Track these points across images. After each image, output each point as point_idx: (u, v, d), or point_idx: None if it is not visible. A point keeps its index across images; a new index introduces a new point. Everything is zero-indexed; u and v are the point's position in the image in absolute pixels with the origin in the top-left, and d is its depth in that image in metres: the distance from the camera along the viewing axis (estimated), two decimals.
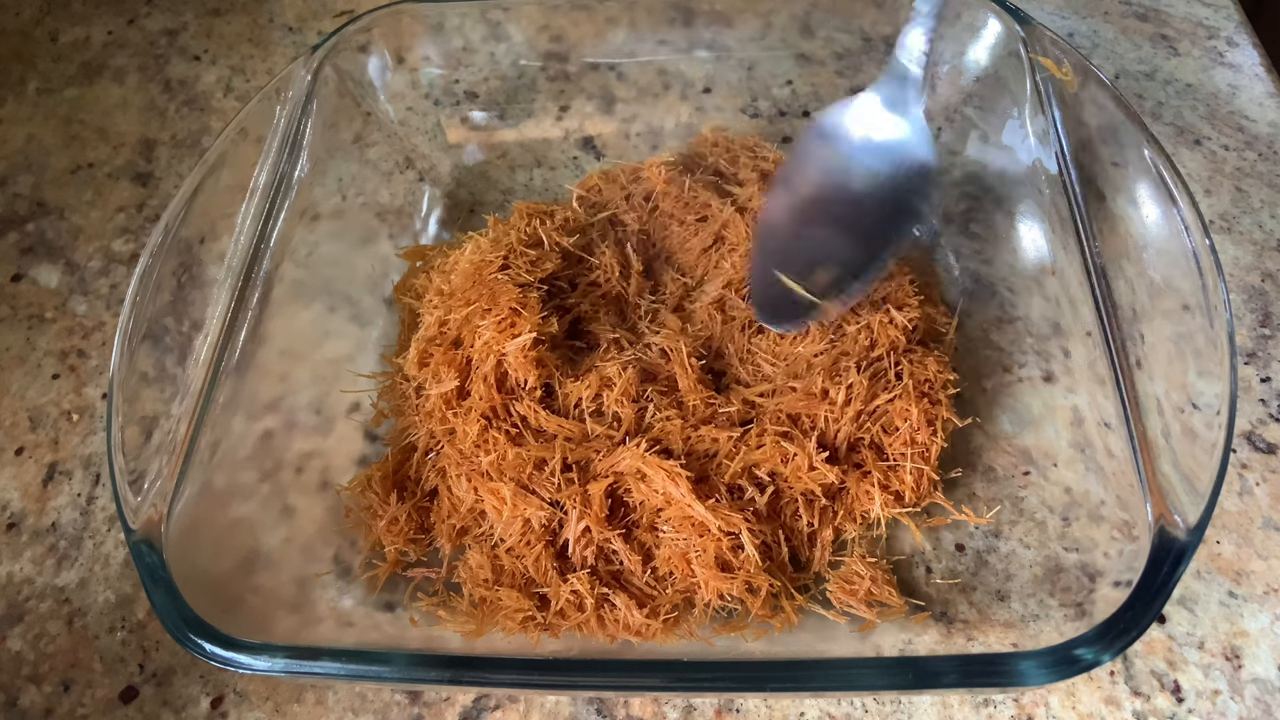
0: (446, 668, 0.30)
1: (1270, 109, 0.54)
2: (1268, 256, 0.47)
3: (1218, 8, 0.59)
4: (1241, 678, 0.36)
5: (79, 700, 0.37)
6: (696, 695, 0.36)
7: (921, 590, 0.37)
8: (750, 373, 0.41)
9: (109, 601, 0.40)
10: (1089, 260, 0.37)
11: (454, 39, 0.51)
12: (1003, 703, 0.35)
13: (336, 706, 0.37)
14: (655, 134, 0.53)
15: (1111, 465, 0.35)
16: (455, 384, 0.38)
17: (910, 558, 0.38)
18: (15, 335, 0.49)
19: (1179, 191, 0.35)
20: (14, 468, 0.44)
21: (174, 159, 0.56)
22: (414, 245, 0.48)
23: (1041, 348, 0.42)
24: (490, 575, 0.36)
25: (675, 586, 0.36)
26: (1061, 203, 0.40)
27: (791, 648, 0.35)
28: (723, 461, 0.37)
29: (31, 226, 0.53)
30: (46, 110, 0.59)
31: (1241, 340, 0.44)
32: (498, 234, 0.42)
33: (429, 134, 0.52)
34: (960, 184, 0.48)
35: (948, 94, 0.48)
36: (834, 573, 0.37)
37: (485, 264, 0.40)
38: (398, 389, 0.42)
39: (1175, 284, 0.34)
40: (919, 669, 0.28)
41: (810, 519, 0.37)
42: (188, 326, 0.37)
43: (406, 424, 0.41)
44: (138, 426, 0.34)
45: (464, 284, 0.40)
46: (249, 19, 0.64)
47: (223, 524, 0.36)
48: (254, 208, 0.41)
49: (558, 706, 0.36)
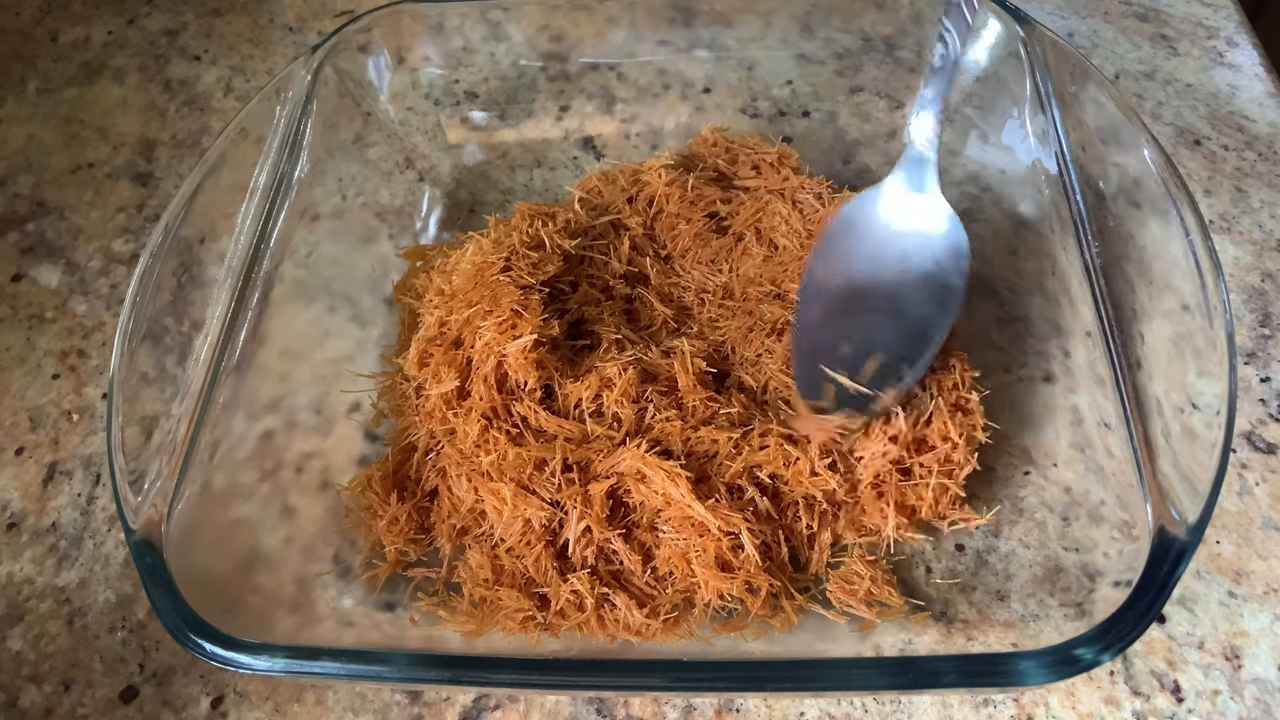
0: (446, 668, 0.30)
1: (1270, 109, 0.54)
2: (1268, 256, 0.47)
3: (1218, 8, 0.59)
4: (1241, 678, 0.36)
5: (79, 700, 0.37)
6: (696, 695, 0.36)
7: (921, 590, 0.37)
8: (753, 375, 0.41)
9: (109, 601, 0.40)
10: (1089, 260, 0.37)
11: (454, 39, 0.51)
12: (1003, 703, 0.35)
13: (336, 706, 0.37)
14: (655, 134, 0.53)
15: (1111, 465, 0.35)
16: (455, 384, 0.38)
17: (910, 558, 0.38)
18: (15, 335, 0.49)
19: (1179, 191, 0.35)
20: (14, 468, 0.44)
21: (174, 159, 0.56)
22: (414, 245, 0.48)
23: (1041, 348, 0.42)
24: (490, 575, 0.36)
25: (675, 586, 0.36)
26: (1061, 203, 0.40)
27: (791, 648, 0.35)
28: (723, 462, 0.37)
29: (31, 226, 0.53)
30: (46, 110, 0.59)
31: (1241, 340, 0.44)
32: (499, 235, 0.42)
33: (429, 134, 0.52)
34: (960, 184, 0.48)
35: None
36: (834, 573, 0.37)
37: (487, 265, 0.40)
38: (398, 389, 0.42)
39: (1175, 284, 0.34)
40: (919, 669, 0.28)
41: (810, 522, 0.37)
42: (188, 326, 0.37)
43: (406, 424, 0.41)
44: (138, 426, 0.34)
45: (465, 285, 0.40)
46: (249, 19, 0.64)
47: (223, 524, 0.36)
48: (254, 208, 0.41)
49: (558, 706, 0.36)
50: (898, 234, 0.38)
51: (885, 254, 0.38)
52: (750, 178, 0.47)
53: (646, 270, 0.44)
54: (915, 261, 0.37)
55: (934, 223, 0.38)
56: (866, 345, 0.36)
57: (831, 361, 0.37)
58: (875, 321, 0.37)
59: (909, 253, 0.38)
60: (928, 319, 0.36)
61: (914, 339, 0.36)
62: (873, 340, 0.36)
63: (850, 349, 0.37)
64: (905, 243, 0.38)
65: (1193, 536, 0.28)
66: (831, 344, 0.37)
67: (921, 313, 0.36)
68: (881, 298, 0.37)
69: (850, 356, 0.36)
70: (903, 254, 0.38)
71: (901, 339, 0.36)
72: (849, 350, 0.37)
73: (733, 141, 0.49)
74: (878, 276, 0.38)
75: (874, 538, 0.38)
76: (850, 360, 0.37)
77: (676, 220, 0.45)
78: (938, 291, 0.36)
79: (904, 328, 0.36)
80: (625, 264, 0.44)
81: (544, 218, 0.44)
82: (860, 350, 0.37)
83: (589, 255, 0.44)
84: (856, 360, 0.36)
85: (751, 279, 0.43)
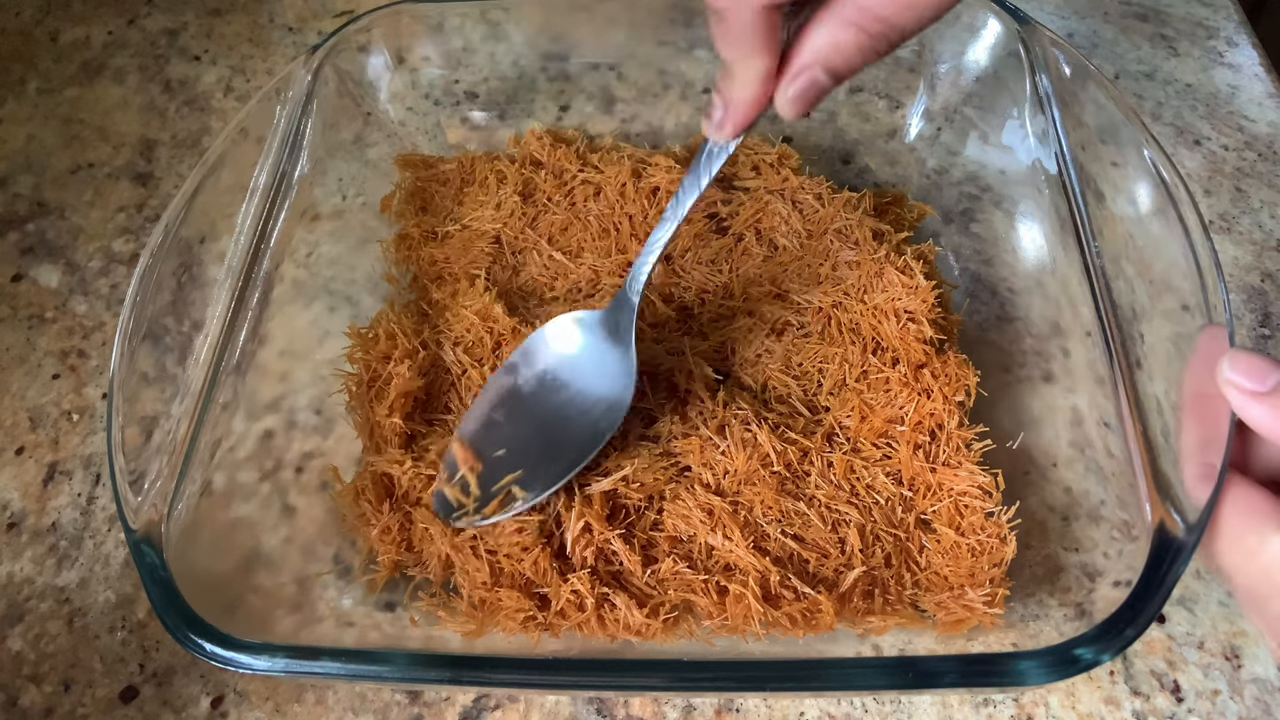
0: (446, 668, 0.30)
1: (1270, 109, 0.54)
2: (1268, 256, 0.47)
3: (1218, 8, 0.59)
4: (1241, 677, 0.36)
5: (79, 700, 0.37)
6: (696, 695, 0.36)
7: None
8: (753, 375, 0.41)
9: (109, 601, 0.40)
10: (1089, 260, 0.37)
11: (454, 39, 0.51)
12: (1003, 703, 0.35)
13: (336, 706, 0.37)
14: (655, 134, 0.53)
15: (1111, 465, 0.35)
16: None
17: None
18: (15, 335, 0.49)
19: (1179, 192, 0.35)
20: (14, 468, 0.44)
21: (174, 159, 0.56)
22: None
23: (1041, 348, 0.42)
24: (489, 578, 0.36)
25: (675, 588, 0.36)
26: (1061, 203, 0.40)
27: (791, 648, 0.35)
28: (752, 501, 0.37)
29: (31, 226, 0.53)
30: (46, 110, 0.59)
31: (1241, 340, 0.44)
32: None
33: (429, 134, 0.52)
34: (960, 184, 0.48)
35: (948, 94, 0.48)
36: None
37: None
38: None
39: (1175, 284, 0.34)
40: (919, 669, 0.28)
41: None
42: (188, 326, 0.37)
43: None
44: (138, 426, 0.34)
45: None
46: (249, 19, 0.64)
47: (223, 524, 0.36)
48: (254, 208, 0.41)
49: (558, 706, 0.36)
50: (588, 375, 0.39)
51: (569, 389, 0.39)
52: (750, 178, 0.47)
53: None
54: (585, 406, 0.38)
55: (622, 375, 0.38)
56: (511, 461, 0.37)
57: (482, 444, 0.38)
58: (531, 443, 0.38)
59: (587, 395, 0.38)
60: (570, 459, 0.37)
61: (547, 478, 0.37)
62: (517, 461, 0.37)
63: (502, 456, 0.38)
64: (589, 386, 0.38)
65: (1192, 536, 0.28)
66: (495, 441, 0.38)
67: (569, 453, 0.37)
68: (548, 424, 0.38)
69: (498, 462, 0.37)
70: (582, 395, 0.38)
71: (538, 471, 0.37)
72: (500, 455, 0.38)
73: None
74: (554, 405, 0.38)
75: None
76: (491, 450, 0.38)
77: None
78: (587, 438, 0.37)
79: (549, 462, 0.37)
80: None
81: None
82: (506, 462, 0.37)
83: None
84: (498, 469, 0.37)
85: (751, 279, 0.43)
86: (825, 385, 0.40)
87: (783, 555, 0.36)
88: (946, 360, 0.39)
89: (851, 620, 0.34)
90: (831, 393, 0.40)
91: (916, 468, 0.37)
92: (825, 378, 0.40)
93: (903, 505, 0.37)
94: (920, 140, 0.50)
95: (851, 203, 0.44)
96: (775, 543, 0.36)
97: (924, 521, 0.37)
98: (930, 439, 0.38)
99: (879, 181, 0.50)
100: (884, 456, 0.38)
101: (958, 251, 0.46)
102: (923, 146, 0.49)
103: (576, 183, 0.47)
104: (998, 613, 0.34)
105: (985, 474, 0.37)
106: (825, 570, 0.36)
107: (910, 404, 0.38)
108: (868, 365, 0.40)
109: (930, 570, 0.36)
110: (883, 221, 0.44)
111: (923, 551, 0.36)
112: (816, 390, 0.40)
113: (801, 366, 0.41)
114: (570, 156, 0.48)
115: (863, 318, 0.41)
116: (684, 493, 0.36)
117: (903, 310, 0.40)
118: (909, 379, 0.39)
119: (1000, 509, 0.36)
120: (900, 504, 0.37)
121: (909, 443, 0.38)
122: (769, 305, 0.42)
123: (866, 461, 0.38)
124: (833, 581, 0.35)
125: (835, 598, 0.34)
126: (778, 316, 0.42)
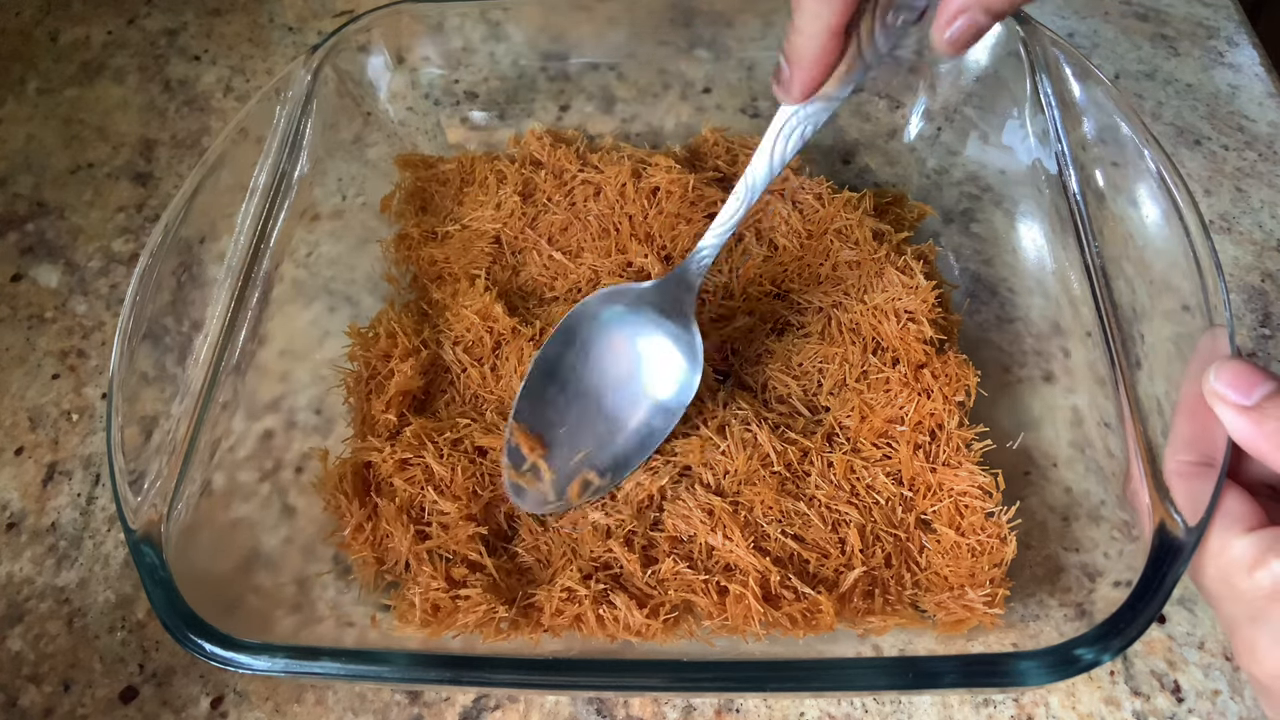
0: (446, 668, 0.30)
1: (1270, 109, 0.54)
2: (1268, 256, 0.47)
3: (1218, 8, 0.59)
4: (1241, 678, 0.36)
5: (79, 700, 0.37)
6: (696, 695, 0.36)
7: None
8: (753, 375, 0.41)
9: (109, 601, 0.40)
10: (1089, 260, 0.37)
11: (454, 39, 0.51)
12: (1003, 703, 0.35)
13: (336, 706, 0.37)
14: (655, 134, 0.53)
15: (1111, 465, 0.35)
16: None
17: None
18: (15, 335, 0.49)
19: (1179, 192, 0.35)
20: (14, 468, 0.44)
21: (174, 159, 0.56)
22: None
23: (1041, 348, 0.42)
24: (443, 584, 0.35)
25: (675, 588, 0.36)
26: (1061, 203, 0.40)
27: (791, 648, 0.35)
28: (752, 501, 0.37)
29: (31, 226, 0.53)
30: (46, 110, 0.59)
31: (1241, 340, 0.44)
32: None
33: (429, 134, 0.52)
34: (960, 184, 0.48)
35: (948, 94, 0.48)
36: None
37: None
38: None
39: (1175, 284, 0.34)
40: (919, 669, 0.28)
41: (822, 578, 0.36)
42: (188, 326, 0.37)
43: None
44: (138, 426, 0.34)
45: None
46: (249, 19, 0.64)
47: (223, 524, 0.36)
48: (254, 208, 0.41)
49: (558, 706, 0.36)
50: (647, 352, 0.38)
51: (627, 366, 0.38)
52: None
53: (649, 270, 0.44)
54: (648, 383, 0.38)
55: (686, 354, 0.38)
56: (576, 438, 0.37)
57: (533, 420, 0.38)
58: (590, 420, 0.38)
59: (649, 372, 0.38)
60: (640, 437, 0.37)
61: (620, 456, 0.37)
62: (582, 438, 0.37)
63: (565, 432, 0.37)
64: (649, 364, 0.38)
65: (1193, 536, 0.28)
66: (551, 420, 0.38)
67: (638, 430, 0.37)
68: (607, 401, 0.38)
69: (548, 425, 0.37)
70: (644, 372, 0.38)
71: (609, 450, 0.37)
72: (563, 432, 0.37)
73: (733, 141, 0.49)
74: (611, 381, 0.38)
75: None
76: (547, 428, 0.38)
77: (676, 220, 0.45)
78: (655, 415, 0.37)
79: (612, 439, 0.37)
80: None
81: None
82: (570, 439, 0.37)
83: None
84: (564, 447, 0.37)
85: (751, 279, 0.43)
86: (825, 385, 0.40)
87: (783, 555, 0.36)
88: (946, 360, 0.39)
89: (851, 620, 0.34)
90: (831, 393, 0.40)
91: (916, 468, 0.37)
92: (825, 378, 0.40)
93: (903, 505, 0.37)
94: (920, 140, 0.50)
95: (851, 203, 0.44)
96: (775, 543, 0.36)
97: (924, 522, 0.37)
98: (930, 439, 0.38)
99: (879, 181, 0.50)
100: (884, 456, 0.38)
101: (958, 251, 0.46)
102: (923, 146, 0.49)
103: (576, 183, 0.47)
104: (998, 613, 0.34)
105: (985, 474, 0.37)
106: (825, 570, 0.36)
107: (910, 404, 0.38)
108: (868, 365, 0.40)
109: (930, 570, 0.36)
110: (883, 221, 0.44)
111: (923, 552, 0.36)
112: (816, 390, 0.40)
113: (801, 366, 0.41)
114: (570, 156, 0.48)
115: (863, 318, 0.41)
116: (684, 493, 0.36)
117: (903, 310, 0.40)
118: (909, 379, 0.39)
119: (1000, 509, 0.36)
120: (900, 504, 0.37)
121: (909, 443, 0.38)
122: (769, 305, 0.42)
123: (866, 461, 0.38)
124: (833, 582, 0.35)
125: (835, 598, 0.34)
126: (778, 316, 0.42)
